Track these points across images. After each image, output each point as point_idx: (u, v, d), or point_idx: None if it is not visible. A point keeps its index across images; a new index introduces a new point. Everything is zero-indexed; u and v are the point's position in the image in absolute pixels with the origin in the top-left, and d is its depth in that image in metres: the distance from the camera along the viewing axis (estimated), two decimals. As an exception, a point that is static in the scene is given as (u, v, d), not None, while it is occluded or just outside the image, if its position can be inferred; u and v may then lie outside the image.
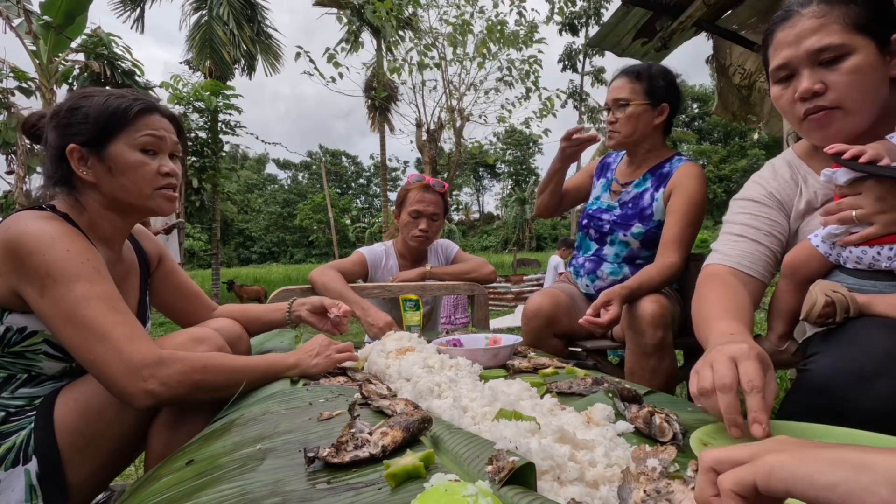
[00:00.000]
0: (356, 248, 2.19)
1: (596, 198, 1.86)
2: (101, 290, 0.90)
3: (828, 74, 0.91)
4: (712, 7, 2.74)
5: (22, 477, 0.87)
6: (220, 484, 0.54)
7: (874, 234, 0.86)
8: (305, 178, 48.93)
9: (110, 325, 0.87)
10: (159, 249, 1.27)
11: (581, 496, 0.49)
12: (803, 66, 0.93)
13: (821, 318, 0.87)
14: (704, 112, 33.22)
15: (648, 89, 1.65)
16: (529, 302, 1.70)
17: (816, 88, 0.92)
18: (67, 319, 0.87)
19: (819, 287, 0.89)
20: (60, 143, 0.99)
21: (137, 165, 1.01)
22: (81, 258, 0.90)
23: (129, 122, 1.01)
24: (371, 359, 1.13)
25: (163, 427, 0.96)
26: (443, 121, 10.35)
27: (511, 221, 30.66)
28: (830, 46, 0.90)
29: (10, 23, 6.18)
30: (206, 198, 9.89)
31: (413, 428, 0.62)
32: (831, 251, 0.94)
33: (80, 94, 1.03)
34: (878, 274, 0.89)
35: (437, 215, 2.09)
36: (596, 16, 14.60)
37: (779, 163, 1.11)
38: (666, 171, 1.70)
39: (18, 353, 0.95)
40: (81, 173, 0.99)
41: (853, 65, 0.89)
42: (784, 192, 1.07)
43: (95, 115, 0.99)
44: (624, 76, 1.69)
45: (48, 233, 0.89)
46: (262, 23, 14.58)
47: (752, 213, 1.08)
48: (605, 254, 1.76)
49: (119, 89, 1.08)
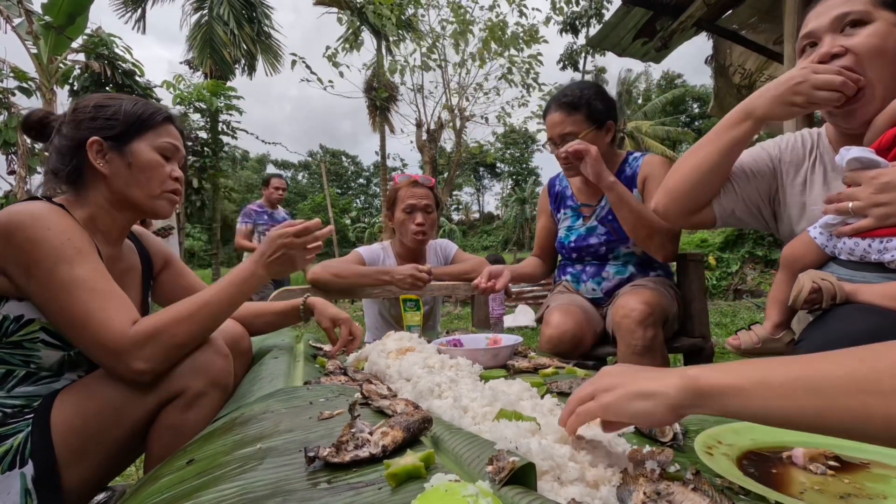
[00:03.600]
0: (356, 248, 2.19)
1: (569, 228, 1.80)
2: (82, 272, 0.91)
3: (848, 39, 0.95)
4: (712, 7, 2.75)
5: (17, 481, 0.87)
6: (220, 483, 0.54)
7: (866, 226, 0.88)
8: (305, 178, 48.91)
9: (88, 312, 0.89)
10: (165, 251, 1.28)
11: (581, 496, 0.49)
12: (826, 33, 0.97)
13: (807, 303, 0.90)
14: (705, 113, 33.26)
15: (589, 114, 1.61)
16: (550, 323, 1.59)
17: (836, 51, 0.95)
18: (53, 302, 0.90)
19: (807, 275, 0.92)
20: (81, 135, 1.03)
21: (156, 165, 1.08)
22: (63, 237, 0.92)
23: (153, 126, 1.09)
24: (371, 359, 1.13)
25: (163, 429, 0.96)
26: (443, 121, 10.34)
27: (511, 221, 30.62)
28: (853, 12, 0.94)
29: (11, 23, 6.17)
30: (206, 197, 9.89)
31: (413, 428, 0.62)
32: (827, 243, 0.96)
33: (106, 96, 1.11)
34: (868, 265, 0.91)
35: (431, 207, 2.07)
36: (597, 16, 14.59)
37: (805, 131, 1.15)
38: (630, 173, 1.69)
39: (16, 343, 0.95)
40: (98, 165, 1.03)
41: (873, 30, 0.93)
42: (785, 153, 1.12)
43: (125, 115, 1.06)
44: (560, 110, 1.63)
45: (32, 212, 0.92)
46: (262, 23, 14.59)
47: (748, 153, 1.17)
48: (610, 264, 1.75)
49: (141, 99, 1.14)
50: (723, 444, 0.63)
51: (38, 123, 1.10)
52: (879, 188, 0.85)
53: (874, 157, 0.88)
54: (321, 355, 1.38)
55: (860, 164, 0.90)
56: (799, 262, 1.01)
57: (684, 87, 32.36)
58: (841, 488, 0.53)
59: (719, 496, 0.45)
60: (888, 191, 0.84)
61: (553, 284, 1.96)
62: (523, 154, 38.76)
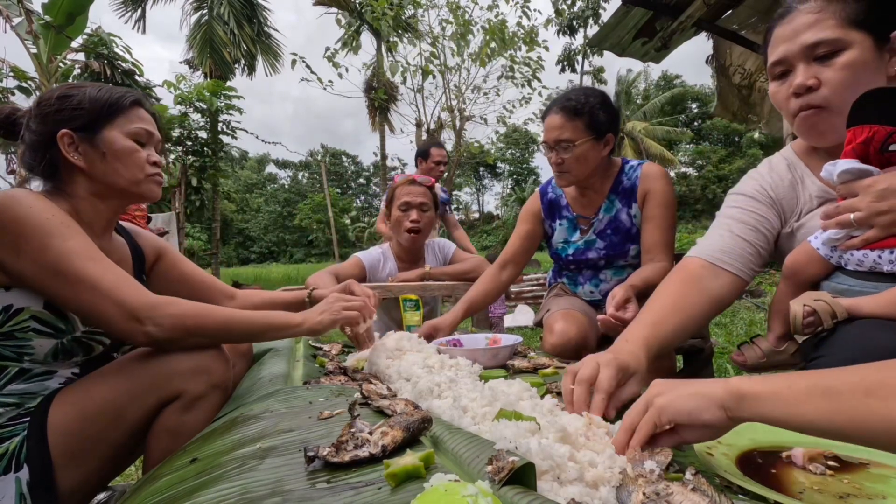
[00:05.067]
0: (356, 248, 2.19)
1: (565, 241, 1.75)
2: (76, 244, 0.91)
3: (822, 70, 0.91)
4: (712, 7, 2.75)
5: (12, 485, 0.86)
6: (220, 483, 0.54)
7: (874, 237, 0.84)
8: (305, 177, 48.94)
9: (98, 273, 0.89)
10: (158, 245, 1.26)
11: (581, 496, 0.49)
12: (798, 60, 0.93)
13: (808, 327, 0.87)
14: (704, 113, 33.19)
15: (590, 123, 1.53)
16: (553, 331, 1.53)
17: (810, 83, 0.92)
18: (53, 275, 0.88)
19: (797, 301, 0.89)
20: (49, 129, 1.01)
21: (131, 152, 1.05)
22: (47, 213, 0.91)
23: (122, 112, 1.05)
24: (371, 359, 1.13)
25: (162, 431, 0.95)
26: (443, 121, 10.34)
27: (511, 221, 30.65)
28: (825, 41, 0.90)
29: (11, 22, 6.17)
30: (205, 197, 9.89)
31: (413, 428, 0.62)
32: (832, 253, 0.93)
33: (68, 86, 1.06)
34: (880, 275, 0.88)
35: (427, 205, 2.07)
36: (594, 16, 14.56)
37: (776, 160, 1.10)
38: (628, 185, 1.64)
39: (7, 334, 0.93)
40: (73, 158, 1.01)
41: (847, 60, 0.89)
42: (779, 190, 1.06)
43: (90, 103, 1.03)
44: (561, 113, 1.54)
45: (13, 195, 0.91)
46: (262, 23, 14.59)
47: (742, 208, 1.07)
48: (606, 271, 1.73)
49: (105, 84, 1.12)
50: (722, 444, 0.63)
51: (5, 121, 1.07)
52: (878, 195, 0.83)
53: (864, 167, 0.86)
54: (321, 355, 1.38)
55: (852, 176, 0.87)
56: (801, 273, 0.98)
57: (683, 87, 32.37)
58: (840, 488, 0.53)
59: (719, 496, 0.45)
60: (888, 197, 0.82)
61: (548, 287, 1.94)
62: (524, 154, 38.79)
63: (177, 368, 0.95)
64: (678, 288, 1.01)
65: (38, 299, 0.94)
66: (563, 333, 1.51)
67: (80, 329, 0.99)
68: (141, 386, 0.93)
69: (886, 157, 0.85)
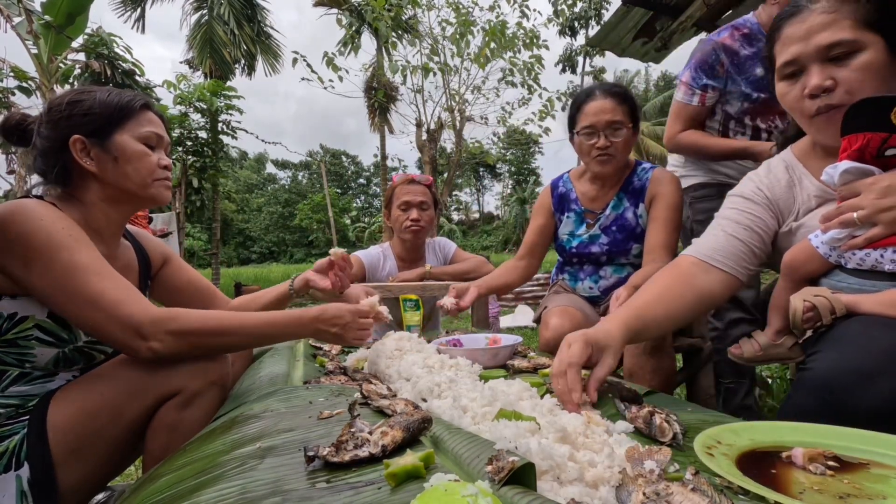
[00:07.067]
0: (356, 248, 2.20)
1: (570, 234, 1.78)
2: (83, 257, 0.91)
3: (838, 71, 0.90)
4: (712, 7, 2.75)
5: (13, 483, 0.86)
6: (220, 483, 0.54)
7: (879, 234, 0.84)
8: (305, 177, 48.96)
9: (103, 289, 0.90)
10: (164, 250, 1.28)
11: (581, 496, 0.49)
12: (812, 61, 0.92)
13: (806, 322, 0.87)
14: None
15: (632, 111, 1.61)
16: (548, 326, 1.55)
17: (827, 85, 0.91)
18: (59, 291, 0.89)
19: (798, 296, 0.90)
20: (61, 135, 1.01)
21: (142, 155, 1.07)
22: (57, 225, 0.92)
23: (131, 116, 1.06)
24: (371, 359, 1.13)
25: (161, 428, 0.95)
26: (443, 121, 10.34)
27: (511, 221, 30.66)
28: (842, 42, 0.89)
29: (11, 22, 6.17)
30: (206, 197, 9.89)
31: (413, 428, 0.62)
32: (831, 252, 0.93)
33: (77, 90, 1.07)
34: (880, 275, 0.88)
35: (426, 204, 2.07)
36: (597, 17, 14.57)
37: (775, 162, 1.10)
38: (638, 186, 1.67)
39: (10, 342, 0.94)
40: (85, 163, 1.02)
41: (864, 61, 0.88)
42: (775, 190, 1.06)
43: (100, 108, 1.03)
44: (612, 97, 1.60)
45: (23, 207, 0.91)
46: (262, 22, 14.59)
47: (738, 209, 1.08)
48: (607, 268, 1.75)
49: (114, 88, 1.12)
50: (722, 444, 0.63)
51: (16, 128, 1.07)
52: (881, 193, 0.83)
53: (865, 166, 0.86)
54: (321, 355, 1.38)
55: (853, 175, 0.87)
56: (800, 270, 0.99)
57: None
58: (840, 488, 0.53)
59: (719, 496, 0.45)
60: (891, 194, 0.82)
61: (550, 284, 1.95)
62: (524, 154, 38.78)
63: (175, 366, 0.95)
64: (667, 281, 1.04)
65: (42, 308, 0.95)
66: (556, 328, 1.53)
67: (82, 339, 1.00)
68: (139, 383, 0.93)
69: (883, 161, 0.86)
